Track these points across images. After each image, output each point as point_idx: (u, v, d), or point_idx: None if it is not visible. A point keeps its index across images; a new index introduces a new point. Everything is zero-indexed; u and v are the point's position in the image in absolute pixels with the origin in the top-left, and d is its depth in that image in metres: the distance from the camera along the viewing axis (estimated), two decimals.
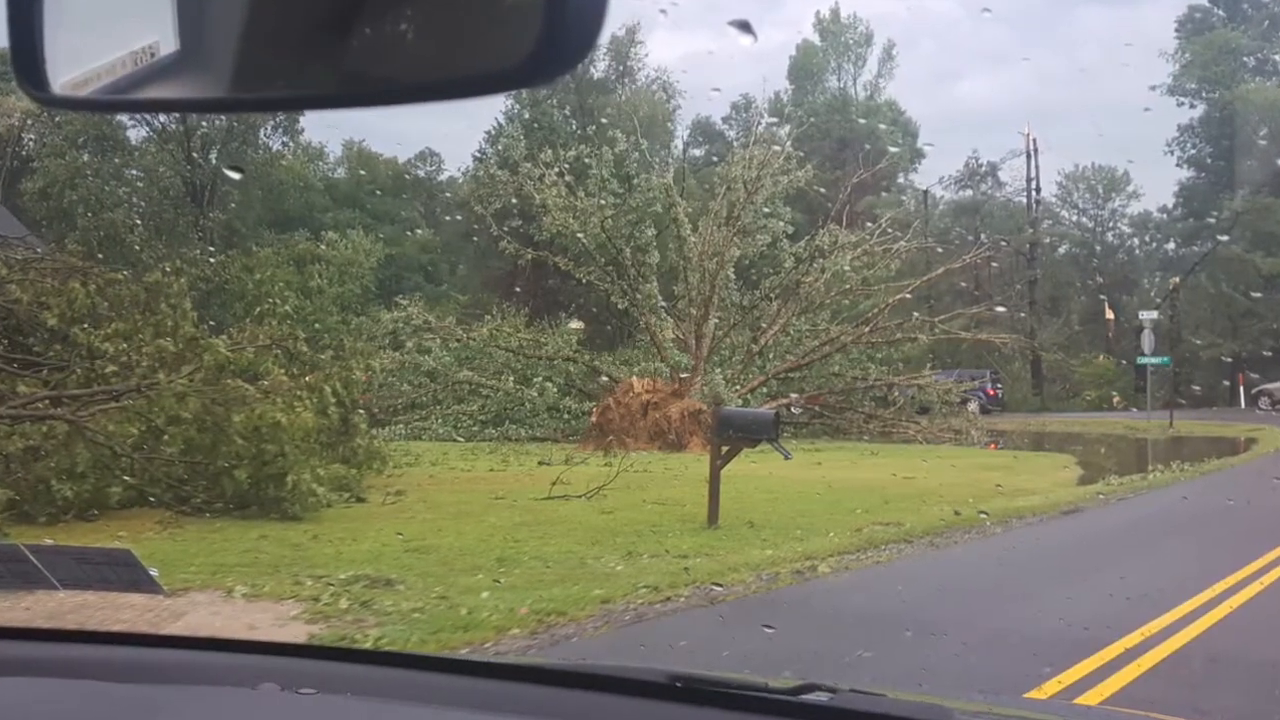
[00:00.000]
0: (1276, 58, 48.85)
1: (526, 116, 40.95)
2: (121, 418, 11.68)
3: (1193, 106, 49.50)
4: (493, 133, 41.85)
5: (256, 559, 9.33)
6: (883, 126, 51.86)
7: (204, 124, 38.70)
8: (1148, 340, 31.83)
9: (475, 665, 2.01)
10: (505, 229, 28.75)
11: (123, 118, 34.55)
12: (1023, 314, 42.98)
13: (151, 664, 1.88)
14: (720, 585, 8.48)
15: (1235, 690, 6.14)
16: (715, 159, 44.52)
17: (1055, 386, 45.49)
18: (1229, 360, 41.47)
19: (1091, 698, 5.59)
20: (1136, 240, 53.95)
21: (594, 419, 23.97)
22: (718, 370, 26.14)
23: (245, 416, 11.85)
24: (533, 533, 11.09)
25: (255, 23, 1.11)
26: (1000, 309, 35.37)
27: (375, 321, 30.38)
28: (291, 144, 46.03)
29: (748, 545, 10.46)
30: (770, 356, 27.79)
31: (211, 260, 35.10)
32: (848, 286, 28.09)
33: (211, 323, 17.07)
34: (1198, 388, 40.41)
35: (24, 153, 39.36)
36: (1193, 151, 50.13)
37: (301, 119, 41.76)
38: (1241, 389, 40.62)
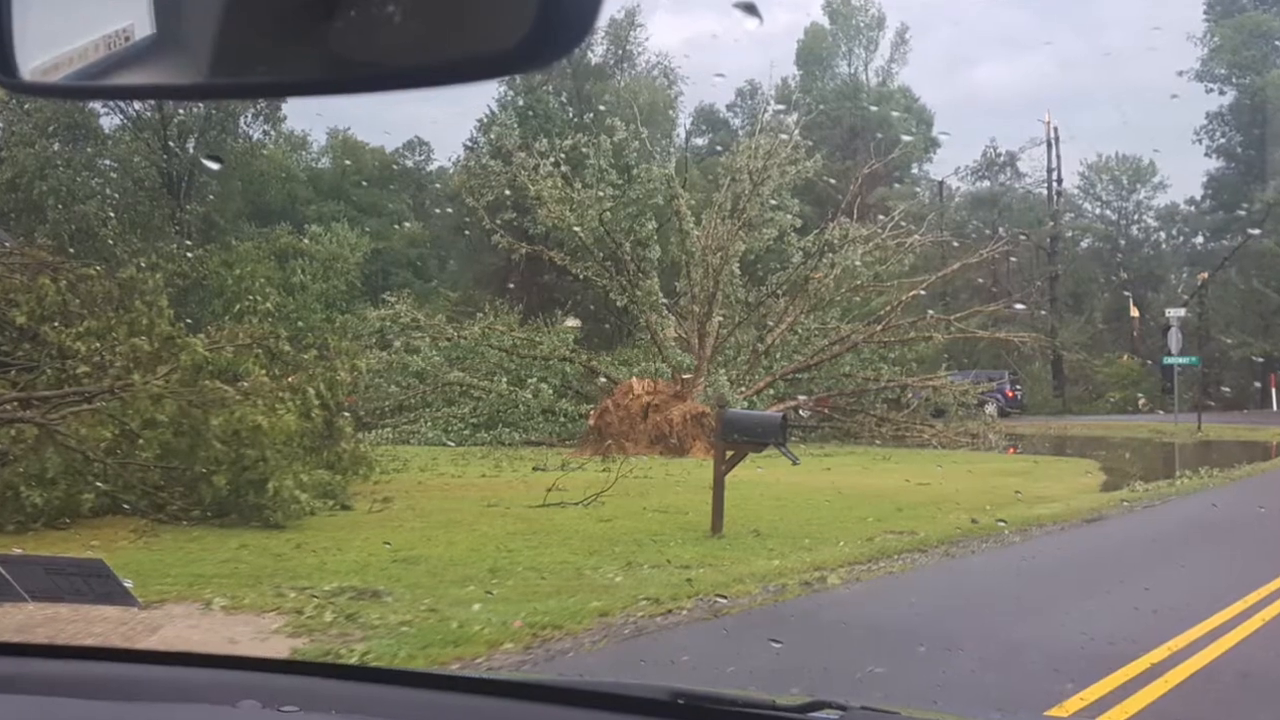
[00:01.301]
0: None
1: (521, 103, 40.98)
2: (94, 421, 11.67)
3: (1222, 93, 49.57)
4: (485, 120, 41.88)
5: (236, 569, 9.34)
6: (896, 114, 51.90)
7: (181, 111, 38.69)
8: (1175, 339, 31.85)
9: (466, 681, 2.01)
10: (498, 222, 28.75)
11: (95, 105, 34.49)
12: (1043, 311, 42.99)
13: (126, 680, 1.88)
14: (725, 597, 8.49)
15: (1268, 708, 6.15)
16: (719, 148, 44.54)
17: (1077, 388, 45.51)
18: (1260, 360, 41.49)
19: (1116, 716, 5.59)
20: (1163, 234, 54.01)
21: (591, 422, 23.98)
22: (722, 371, 26.14)
23: (224, 419, 11.86)
24: (527, 542, 11.10)
25: (235, 5, 1.11)
26: (1019, 306, 35.38)
27: (361, 319, 30.40)
28: (273, 132, 46.10)
29: (753, 555, 10.48)
30: (777, 356, 27.79)
31: (189, 255, 35.09)
32: (859, 283, 28.11)
33: (189, 321, 17.04)
34: (1227, 389, 40.44)
35: None
36: (1222, 140, 50.16)
37: (284, 106, 41.81)
38: (1274, 390, 40.65)
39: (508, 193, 29.19)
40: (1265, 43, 47.93)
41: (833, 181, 32.86)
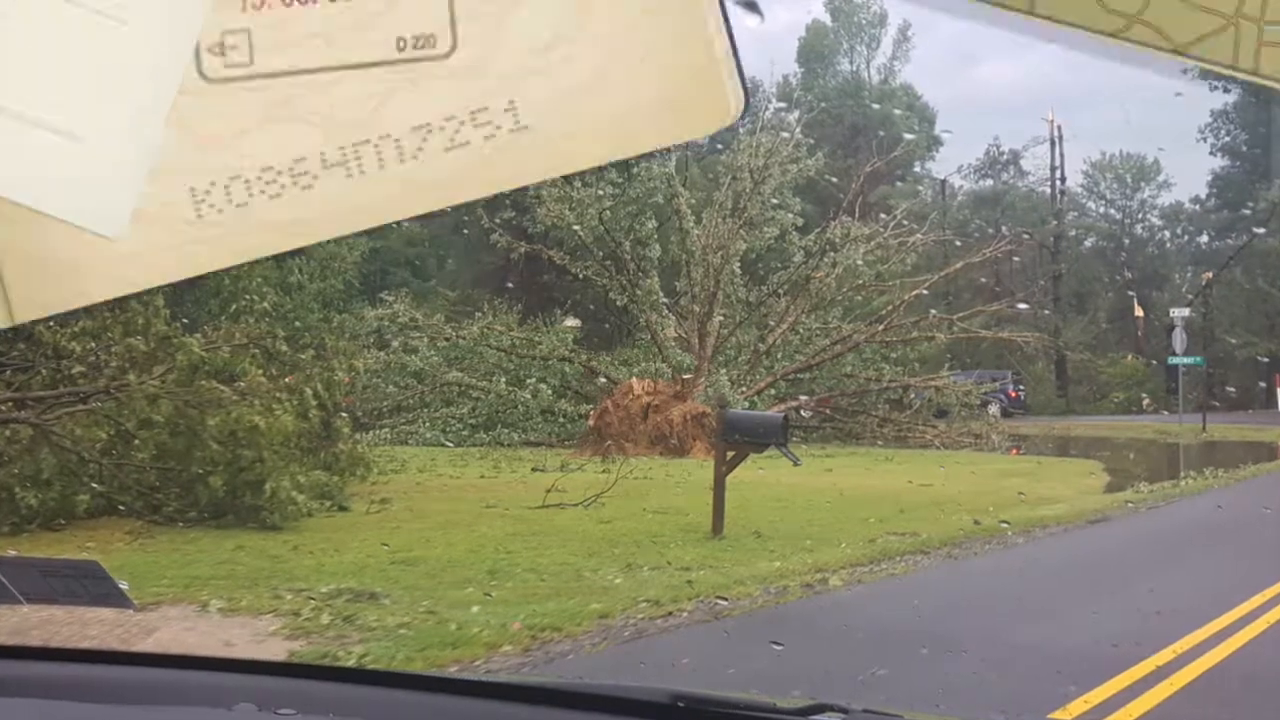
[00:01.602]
0: None
1: None
2: (89, 421, 11.68)
3: (1227, 91, 49.28)
4: None
5: (233, 571, 9.34)
6: (898, 112, 51.87)
7: None
8: (1179, 339, 31.82)
9: (465, 684, 2.01)
10: (497, 221, 28.72)
11: None
12: (1046, 311, 42.99)
13: (121, 683, 1.88)
14: (725, 599, 8.49)
15: (1275, 711, 6.14)
16: (720, 147, 44.43)
17: (1081, 388, 45.51)
18: (1266, 360, 41.46)
19: (1119, 719, 5.59)
20: (1167, 233, 54.04)
21: (591, 423, 23.97)
22: (722, 371, 26.13)
23: (221, 420, 11.86)
24: (526, 544, 11.10)
25: None
26: (1022, 306, 35.36)
27: (359, 319, 30.35)
28: None
29: (754, 556, 10.48)
30: (778, 356, 27.78)
31: None
32: (860, 282, 28.10)
33: (185, 320, 17.01)
34: (1232, 389, 40.42)
35: None
36: (1227, 139, 50.15)
37: None
38: (1279, 390, 40.63)
39: (506, 191, 29.15)
40: None
41: (834, 180, 32.83)
